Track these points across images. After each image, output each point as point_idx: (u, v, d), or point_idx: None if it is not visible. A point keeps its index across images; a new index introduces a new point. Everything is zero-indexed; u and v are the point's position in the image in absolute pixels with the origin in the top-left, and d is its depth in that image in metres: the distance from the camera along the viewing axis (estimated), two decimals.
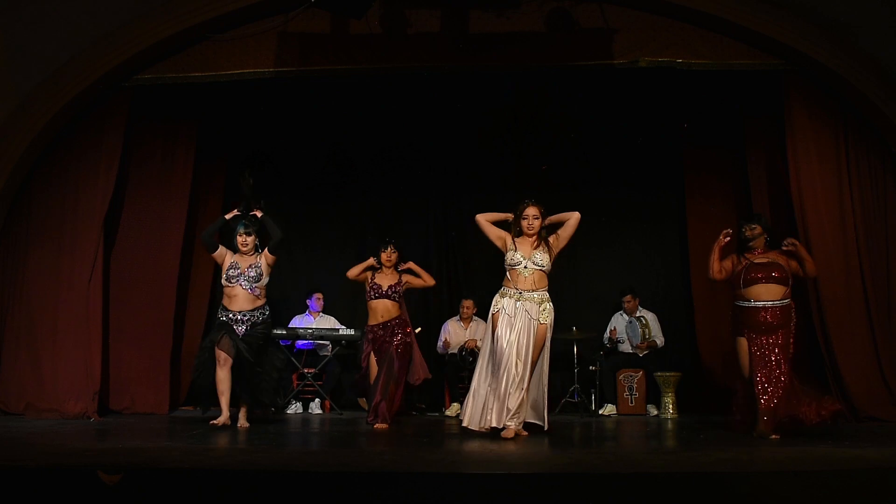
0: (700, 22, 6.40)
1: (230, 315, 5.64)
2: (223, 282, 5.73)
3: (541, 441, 4.77)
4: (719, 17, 6.31)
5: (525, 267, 5.10)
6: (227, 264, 5.73)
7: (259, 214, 5.78)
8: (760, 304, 5.13)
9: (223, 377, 5.51)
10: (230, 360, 5.50)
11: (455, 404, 7.03)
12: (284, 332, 7.22)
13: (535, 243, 5.17)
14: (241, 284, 5.66)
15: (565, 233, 5.17)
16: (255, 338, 5.62)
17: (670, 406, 6.75)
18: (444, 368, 7.25)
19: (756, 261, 5.24)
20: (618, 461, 3.79)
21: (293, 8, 6.29)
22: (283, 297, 7.85)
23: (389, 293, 6.02)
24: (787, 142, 6.47)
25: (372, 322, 6.06)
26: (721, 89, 6.83)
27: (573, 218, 5.15)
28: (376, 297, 6.02)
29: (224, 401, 5.50)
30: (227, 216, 5.92)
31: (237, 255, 5.76)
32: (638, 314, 7.26)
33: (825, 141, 6.46)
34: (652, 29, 6.42)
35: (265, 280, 5.74)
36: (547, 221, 5.18)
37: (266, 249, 5.75)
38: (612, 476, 3.35)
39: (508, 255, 5.18)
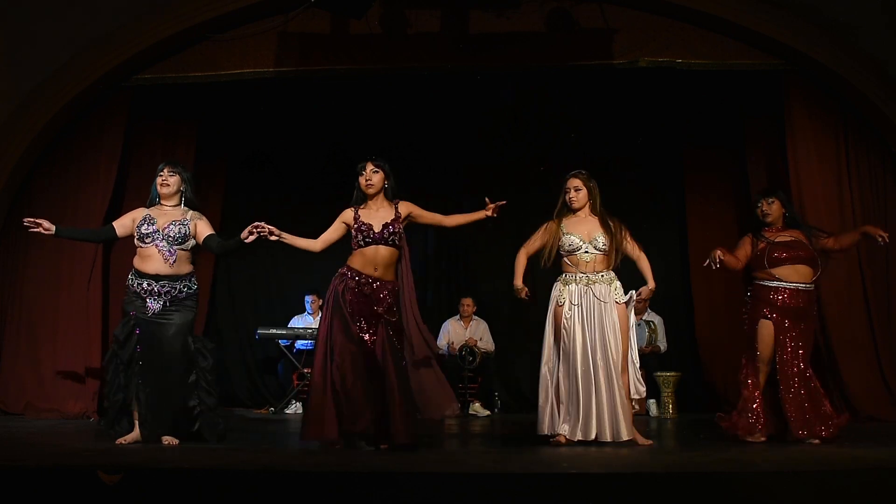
0: (700, 22, 6.41)
1: (143, 284, 4.35)
2: (136, 242, 4.44)
3: (539, 441, 4.77)
4: (719, 17, 6.32)
5: (586, 251, 4.36)
6: (137, 221, 4.44)
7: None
8: (792, 285, 4.57)
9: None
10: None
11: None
12: (284, 331, 7.23)
13: (595, 223, 4.45)
14: (156, 245, 4.37)
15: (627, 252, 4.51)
16: (177, 323, 4.39)
17: (670, 406, 6.74)
18: (445, 369, 7.25)
19: (777, 239, 4.67)
20: (618, 461, 3.79)
21: (293, 8, 6.29)
22: (283, 297, 7.86)
23: (386, 236, 4.19)
24: (787, 142, 6.47)
25: (353, 267, 4.24)
26: (721, 89, 6.83)
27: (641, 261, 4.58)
28: (367, 244, 4.21)
29: (136, 413, 4.37)
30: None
31: (152, 207, 4.52)
32: (646, 317, 7.24)
33: (825, 141, 6.46)
34: (652, 29, 6.43)
35: (191, 243, 4.47)
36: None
37: (208, 230, 4.54)
38: (612, 476, 3.35)
39: (564, 241, 4.39)
